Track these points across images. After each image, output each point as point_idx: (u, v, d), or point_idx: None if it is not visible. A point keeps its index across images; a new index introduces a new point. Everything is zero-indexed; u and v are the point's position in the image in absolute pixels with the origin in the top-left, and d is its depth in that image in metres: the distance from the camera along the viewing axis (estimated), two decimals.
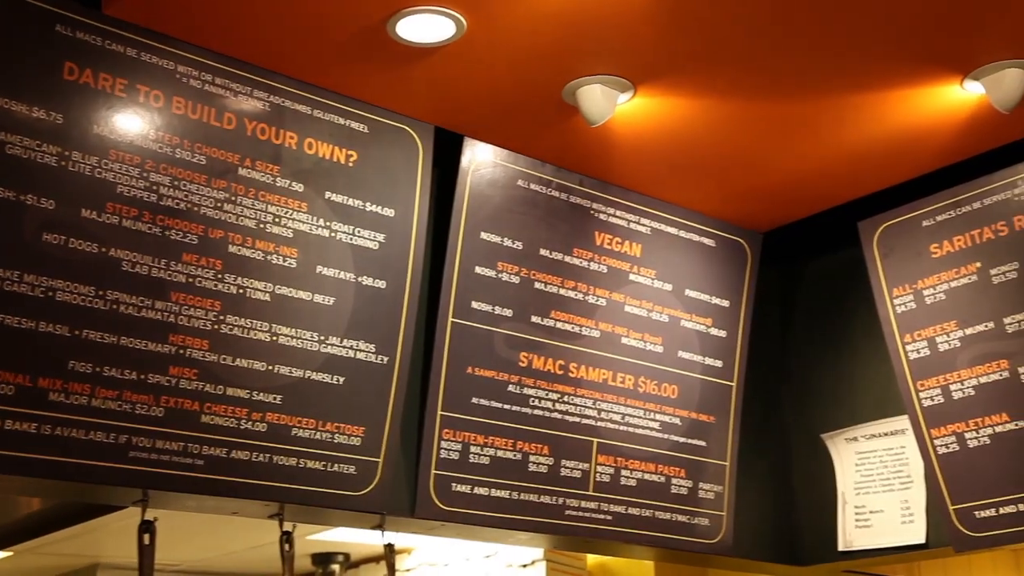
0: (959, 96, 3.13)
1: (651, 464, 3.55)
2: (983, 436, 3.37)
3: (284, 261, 2.92)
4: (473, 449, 3.20)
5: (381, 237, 3.09)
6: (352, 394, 2.99)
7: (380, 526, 3.15)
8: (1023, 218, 3.32)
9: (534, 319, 3.37)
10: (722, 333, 3.77)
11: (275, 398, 2.87)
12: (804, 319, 4.04)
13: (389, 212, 3.11)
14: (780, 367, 4.04)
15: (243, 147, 2.89)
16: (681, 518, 3.59)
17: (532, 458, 3.31)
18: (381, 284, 3.08)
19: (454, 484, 3.15)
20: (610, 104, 3.06)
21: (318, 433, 2.93)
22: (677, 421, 3.62)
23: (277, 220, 2.93)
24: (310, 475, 2.90)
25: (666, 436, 3.59)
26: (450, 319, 3.20)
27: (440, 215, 3.27)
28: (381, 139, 3.12)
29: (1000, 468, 3.32)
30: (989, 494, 3.34)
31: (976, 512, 3.36)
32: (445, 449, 3.16)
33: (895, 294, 3.59)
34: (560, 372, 3.39)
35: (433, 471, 3.13)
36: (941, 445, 3.45)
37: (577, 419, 3.41)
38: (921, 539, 3.58)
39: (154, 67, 2.78)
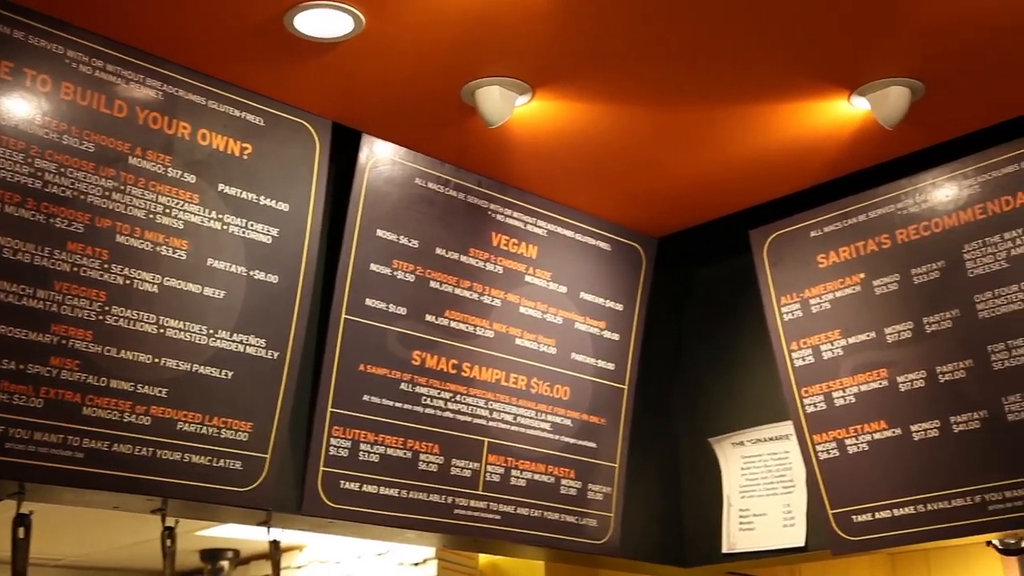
0: (846, 111, 3.21)
1: (541, 465, 3.57)
2: (862, 443, 3.46)
3: (174, 253, 2.88)
4: (363, 447, 3.19)
5: (275, 231, 3.06)
6: (241, 389, 2.96)
7: (266, 522, 3.11)
8: (905, 231, 3.43)
9: (428, 318, 3.37)
10: (615, 336, 3.81)
11: (160, 391, 2.82)
12: (696, 324, 4.11)
13: (284, 206, 3.09)
14: (671, 371, 4.11)
15: (134, 136, 2.85)
16: (570, 519, 3.62)
17: (422, 457, 3.31)
18: (273, 279, 3.05)
19: (342, 482, 3.14)
20: (508, 106, 3.08)
21: (204, 428, 2.89)
22: (568, 422, 3.65)
23: (167, 211, 2.88)
24: (195, 470, 2.86)
25: (557, 437, 3.62)
26: (343, 316, 3.19)
27: (336, 211, 3.26)
28: (277, 133, 3.10)
29: (877, 474, 3.42)
30: (866, 499, 3.43)
31: (854, 516, 3.46)
32: (334, 446, 3.14)
33: (783, 302, 3.67)
34: (453, 371, 3.40)
35: (321, 468, 3.11)
36: (822, 451, 3.54)
37: (469, 419, 3.42)
38: (801, 542, 3.67)
39: (42, 51, 2.72)
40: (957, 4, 2.74)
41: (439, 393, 3.36)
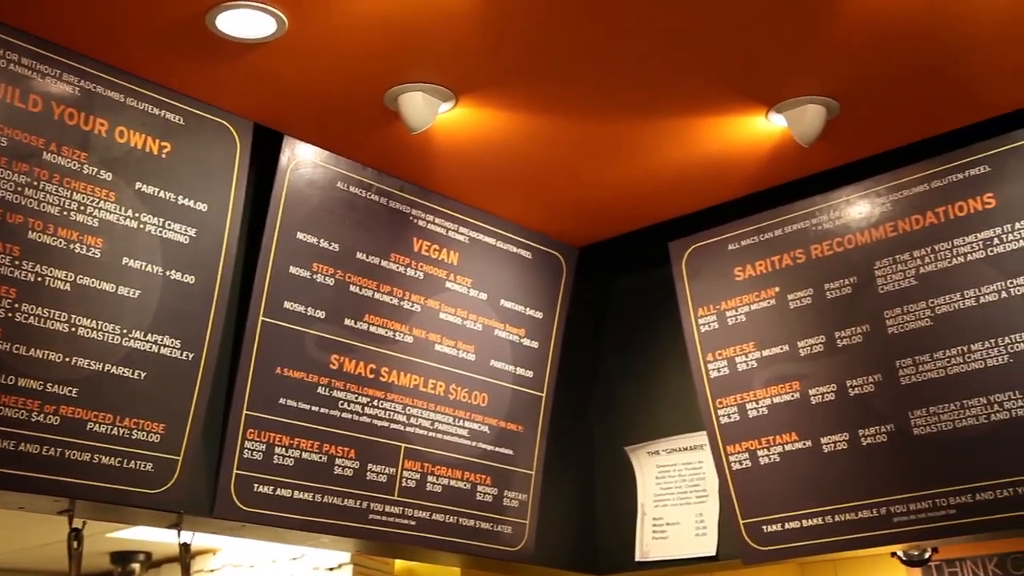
0: (765, 127, 3.27)
1: (458, 471, 3.58)
2: (773, 454, 3.52)
3: (88, 251, 2.84)
4: (278, 450, 3.17)
5: (192, 231, 3.04)
6: (154, 390, 2.93)
7: (177, 525, 3.08)
8: (819, 247, 3.50)
9: (347, 322, 3.36)
10: (534, 344, 3.83)
11: (71, 391, 2.78)
12: (615, 334, 4.15)
13: (202, 206, 3.06)
14: (589, 380, 4.14)
15: (49, 131, 2.80)
16: (485, 525, 3.63)
17: (338, 461, 3.30)
18: (190, 279, 3.02)
19: (256, 485, 3.12)
20: (431, 112, 3.09)
21: (115, 428, 2.86)
22: (486, 429, 3.67)
23: (82, 208, 2.84)
24: (104, 471, 2.82)
25: (474, 443, 3.63)
26: (261, 318, 3.17)
27: (256, 213, 3.24)
28: (197, 132, 3.07)
29: (787, 485, 3.48)
30: (776, 509, 3.49)
31: (764, 526, 3.51)
32: (249, 449, 3.12)
33: (700, 314, 3.72)
34: (371, 376, 3.40)
35: (235, 471, 3.08)
36: (735, 461, 3.59)
37: (386, 424, 3.41)
38: (712, 551, 3.72)
39: None
40: (871, 27, 2.81)
41: (356, 397, 3.36)
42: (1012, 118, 3.21)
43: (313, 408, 3.25)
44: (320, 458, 3.26)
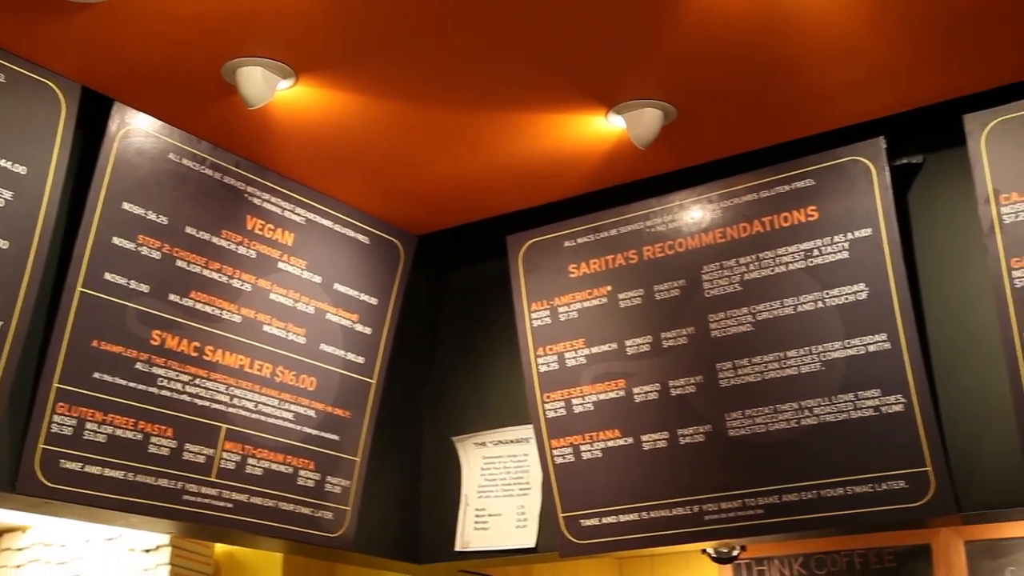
0: (604, 128, 3.32)
1: (280, 454, 3.53)
2: (596, 449, 3.58)
3: None
4: (89, 426, 3.07)
5: (8, 194, 2.91)
6: None
7: None
8: (652, 249, 3.56)
9: (172, 297, 3.27)
10: (367, 330, 3.80)
11: None
12: (449, 324, 4.15)
13: (20, 169, 2.94)
14: (422, 369, 4.13)
15: None
16: (305, 510, 3.59)
17: (153, 439, 3.21)
18: (3, 244, 2.89)
19: (63, 461, 3.01)
20: (270, 88, 3.03)
21: None
22: (312, 413, 3.62)
23: None
24: None
25: (299, 427, 3.58)
26: (78, 288, 3.06)
27: (81, 180, 3.12)
28: (19, 91, 2.94)
29: (607, 480, 3.54)
30: (595, 504, 3.55)
31: (582, 520, 3.57)
32: (58, 424, 3.01)
33: (533, 308, 3.75)
34: (194, 354, 3.32)
35: (41, 445, 2.97)
36: (559, 455, 3.64)
37: (207, 403, 3.34)
38: (532, 543, 3.75)
39: None
40: (708, 39, 2.87)
41: (177, 375, 3.27)
42: (837, 134, 3.33)
43: (130, 384, 3.16)
44: (134, 436, 3.16)
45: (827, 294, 3.25)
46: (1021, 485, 3.00)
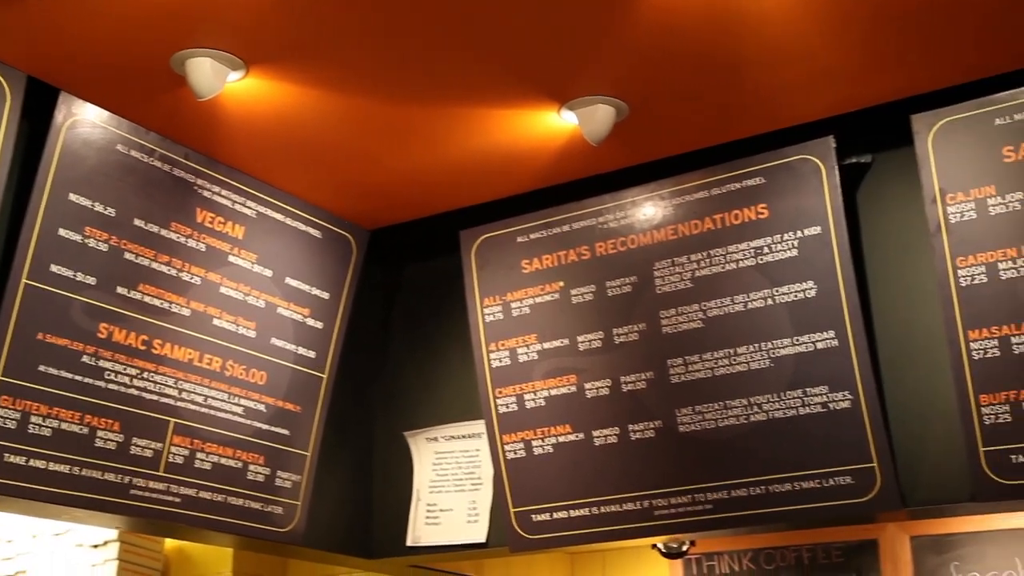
0: (556, 124, 3.32)
1: (229, 449, 3.50)
2: (547, 445, 3.58)
3: None
4: (34, 419, 3.03)
5: None
6: None
7: None
8: (604, 245, 3.57)
9: (120, 290, 3.24)
10: (319, 324, 3.78)
11: None
12: (402, 319, 4.14)
13: None
14: (374, 364, 4.11)
15: None
16: (255, 505, 3.57)
17: (100, 433, 3.18)
18: None
19: (7, 455, 2.97)
20: (220, 80, 3.01)
21: None
22: (262, 408, 3.60)
23: None
24: None
25: (249, 422, 3.55)
26: (23, 280, 3.02)
27: (27, 171, 3.07)
28: None
29: (558, 475, 3.54)
30: (546, 499, 3.56)
31: (533, 515, 3.57)
32: (1, 417, 2.97)
33: (486, 304, 3.75)
34: (143, 348, 3.28)
35: None
36: (510, 451, 3.64)
37: (155, 397, 3.31)
38: (482, 538, 3.76)
39: None
40: (660, 37, 2.88)
41: (125, 369, 3.24)
42: (788, 133, 3.35)
43: (76, 377, 3.12)
44: (81, 430, 3.13)
45: (777, 291, 3.28)
46: (965, 481, 3.04)
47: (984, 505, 3.14)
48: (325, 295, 3.81)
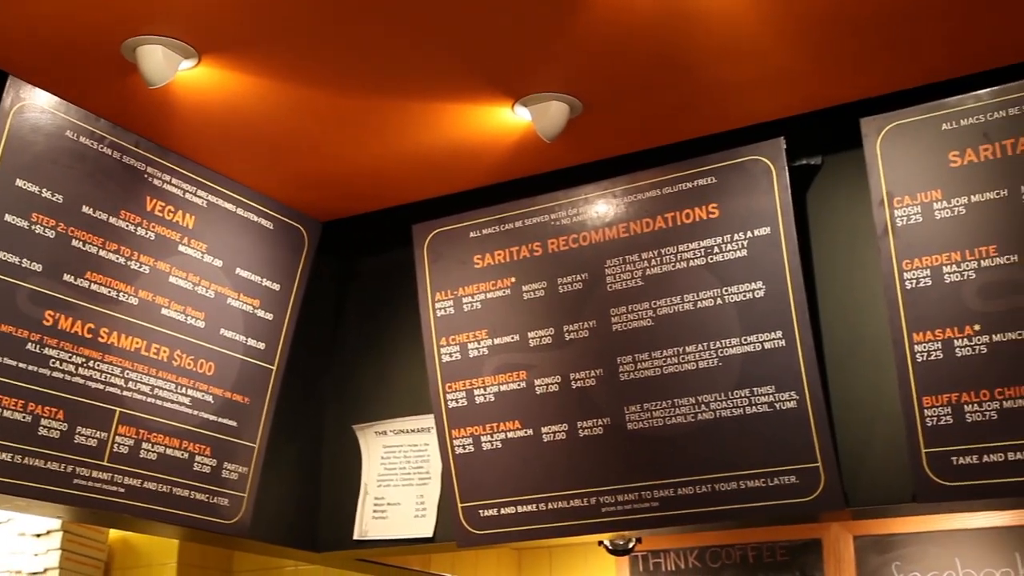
0: (510, 119, 3.32)
1: (176, 439, 3.47)
2: (496, 440, 3.58)
3: None
4: None
5: None
6: None
7: None
8: (556, 242, 3.58)
9: (67, 278, 3.20)
10: (269, 316, 3.76)
11: None
12: (354, 312, 4.12)
13: None
14: (324, 356, 4.10)
15: None
16: (200, 496, 3.54)
17: (44, 422, 3.14)
18: None
19: None
20: (171, 68, 2.98)
21: None
22: (210, 398, 3.57)
23: None
24: None
25: (196, 412, 3.53)
26: None
27: None
28: None
29: (506, 471, 3.55)
30: (494, 495, 3.56)
31: (480, 511, 3.57)
32: None
33: (437, 298, 3.74)
34: (89, 336, 3.25)
35: None
36: (459, 445, 3.64)
37: (101, 386, 3.28)
38: (429, 533, 3.75)
39: None
40: (613, 34, 2.90)
41: (70, 357, 3.20)
42: (740, 134, 3.38)
43: (20, 365, 3.08)
44: (24, 418, 3.09)
45: (726, 291, 3.30)
46: (908, 482, 3.08)
47: (925, 506, 3.18)
48: (276, 286, 3.78)
